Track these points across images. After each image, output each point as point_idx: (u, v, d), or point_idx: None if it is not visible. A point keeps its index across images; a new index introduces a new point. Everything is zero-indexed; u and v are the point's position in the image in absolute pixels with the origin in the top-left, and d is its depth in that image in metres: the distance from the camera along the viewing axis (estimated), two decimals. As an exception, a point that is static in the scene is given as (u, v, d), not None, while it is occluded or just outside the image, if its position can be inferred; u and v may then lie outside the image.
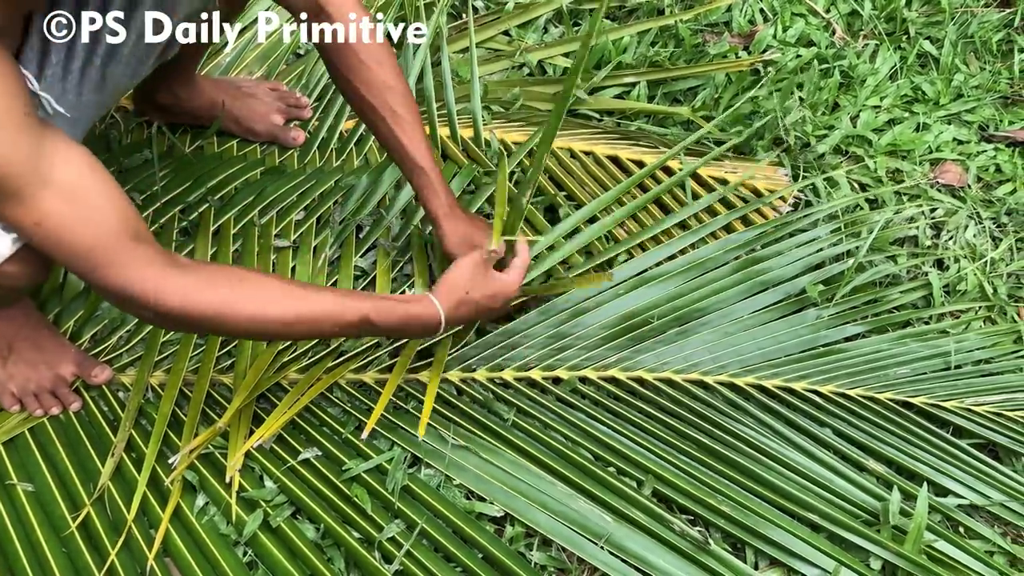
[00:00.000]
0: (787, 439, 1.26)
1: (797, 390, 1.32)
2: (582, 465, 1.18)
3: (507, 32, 1.80)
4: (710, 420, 1.26)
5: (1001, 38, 1.95)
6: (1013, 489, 1.25)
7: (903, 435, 1.29)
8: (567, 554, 1.13)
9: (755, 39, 1.84)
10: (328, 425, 1.21)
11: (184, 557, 1.08)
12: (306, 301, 1.00)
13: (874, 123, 1.75)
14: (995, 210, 1.64)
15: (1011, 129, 1.79)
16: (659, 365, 1.33)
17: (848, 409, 1.31)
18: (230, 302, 0.95)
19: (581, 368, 1.31)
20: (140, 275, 0.90)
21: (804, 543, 1.14)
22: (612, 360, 1.32)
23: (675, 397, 1.29)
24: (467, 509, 1.15)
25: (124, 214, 0.89)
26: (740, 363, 1.34)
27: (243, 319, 0.96)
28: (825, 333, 1.39)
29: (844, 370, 1.35)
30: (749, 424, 1.27)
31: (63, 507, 1.10)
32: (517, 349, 1.31)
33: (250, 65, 1.63)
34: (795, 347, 1.37)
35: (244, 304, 0.96)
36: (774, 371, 1.34)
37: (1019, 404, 1.35)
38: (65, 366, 1.20)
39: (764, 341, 1.37)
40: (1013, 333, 1.44)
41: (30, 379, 1.18)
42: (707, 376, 1.32)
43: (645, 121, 1.68)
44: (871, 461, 1.25)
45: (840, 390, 1.33)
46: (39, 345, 1.19)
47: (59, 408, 1.20)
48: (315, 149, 1.54)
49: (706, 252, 1.45)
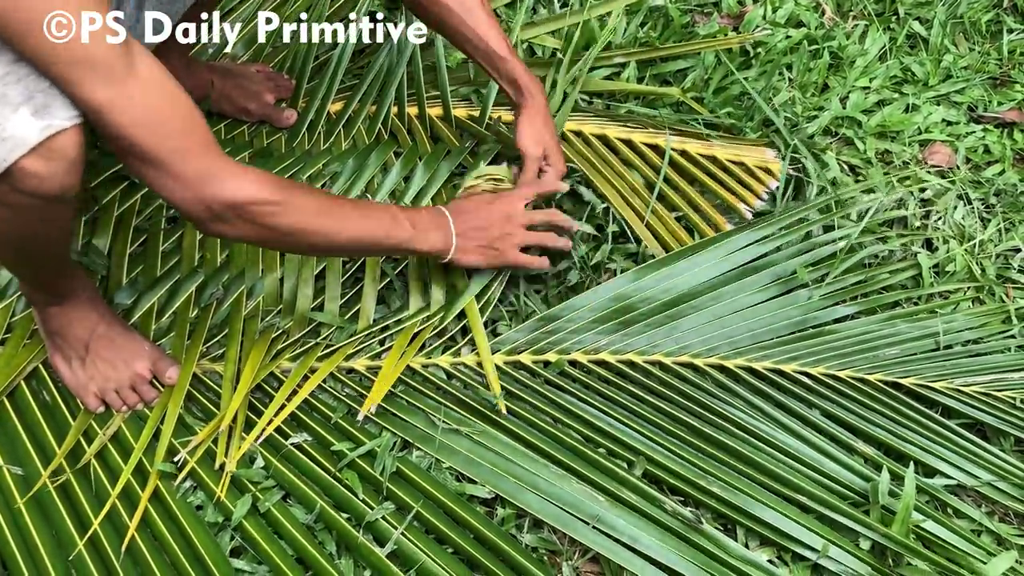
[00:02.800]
0: (777, 421, 1.27)
1: (787, 372, 1.33)
2: (572, 447, 1.19)
3: (495, 12, 1.79)
4: (700, 403, 1.26)
5: (990, 18, 1.95)
6: (1001, 468, 1.26)
7: (892, 416, 1.29)
8: (558, 536, 1.14)
9: (744, 19, 1.84)
10: (319, 411, 1.21)
11: (165, 538, 1.08)
12: (368, 220, 1.13)
13: (863, 104, 1.74)
14: (984, 191, 1.65)
15: (1000, 110, 1.79)
16: (649, 348, 1.33)
17: (838, 391, 1.31)
18: (321, 221, 1.05)
19: (571, 352, 1.31)
20: (220, 162, 0.96)
21: (794, 523, 1.14)
22: (602, 343, 1.32)
23: (665, 380, 1.29)
24: (458, 491, 1.15)
25: (201, 118, 0.95)
26: (730, 345, 1.34)
27: (285, 227, 1.03)
28: (815, 315, 1.39)
29: (834, 351, 1.36)
30: (739, 406, 1.27)
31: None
32: (506, 333, 1.31)
33: (236, 49, 1.62)
34: (785, 328, 1.37)
35: (327, 223, 1.06)
36: (764, 353, 1.34)
37: (1008, 384, 1.35)
38: (140, 362, 1.19)
39: (754, 323, 1.37)
40: (1002, 313, 1.45)
41: (109, 378, 1.17)
42: (697, 359, 1.33)
43: (635, 102, 1.68)
44: (860, 443, 1.26)
45: (830, 371, 1.34)
46: (114, 343, 1.18)
47: (140, 403, 1.19)
48: (304, 131, 1.53)
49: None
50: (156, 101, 0.89)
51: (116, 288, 1.29)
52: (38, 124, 0.84)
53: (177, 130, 0.91)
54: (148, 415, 1.18)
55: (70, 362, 1.18)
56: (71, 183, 0.89)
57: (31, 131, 0.84)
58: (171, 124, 0.91)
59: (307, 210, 1.04)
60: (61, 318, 1.15)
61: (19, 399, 1.19)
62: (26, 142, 0.83)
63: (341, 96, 1.58)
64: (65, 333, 1.17)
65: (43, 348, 1.20)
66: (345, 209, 1.11)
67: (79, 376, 1.18)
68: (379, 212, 1.16)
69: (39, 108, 0.84)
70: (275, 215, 1.01)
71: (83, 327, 1.16)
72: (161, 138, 0.90)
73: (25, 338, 1.22)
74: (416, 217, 1.19)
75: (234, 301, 1.30)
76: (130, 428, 1.17)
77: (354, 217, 1.11)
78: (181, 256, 1.34)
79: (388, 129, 1.55)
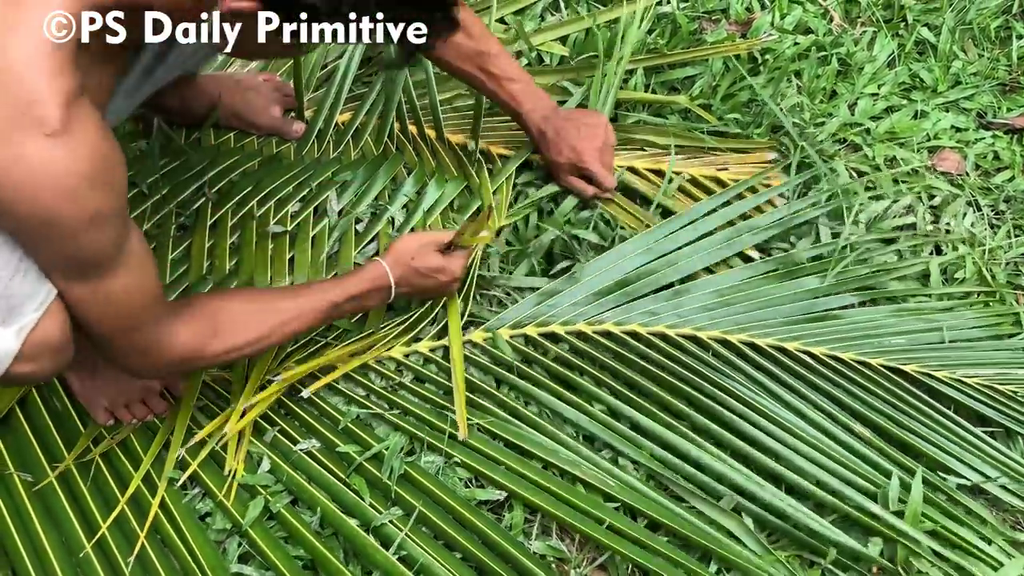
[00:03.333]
0: (778, 397, 1.28)
1: (789, 350, 1.33)
2: (579, 425, 1.23)
3: (502, 20, 1.79)
4: (702, 375, 1.28)
5: (999, 24, 1.95)
6: (1007, 466, 1.26)
7: (893, 402, 1.30)
8: (566, 543, 1.14)
9: (752, 26, 1.84)
10: (328, 414, 1.21)
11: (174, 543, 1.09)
12: (276, 315, 1.08)
13: (872, 110, 1.74)
14: (993, 197, 1.64)
15: (1009, 116, 1.79)
16: (653, 320, 1.35)
17: (840, 372, 1.32)
18: (217, 341, 1.02)
19: (575, 323, 1.33)
20: (160, 330, 0.96)
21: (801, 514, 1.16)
22: (606, 316, 1.34)
23: (668, 352, 1.31)
24: (467, 497, 1.15)
25: (158, 273, 0.94)
26: (733, 322, 1.36)
27: (227, 351, 1.04)
28: (821, 300, 1.41)
29: (838, 334, 1.37)
30: (741, 380, 1.29)
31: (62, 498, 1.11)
32: (511, 308, 1.34)
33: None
34: (790, 311, 1.39)
35: (227, 336, 1.03)
36: (767, 331, 1.35)
37: (1010, 379, 1.35)
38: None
39: (759, 303, 1.39)
40: (1011, 316, 1.44)
41: (120, 391, 1.17)
42: (700, 332, 1.34)
43: (643, 110, 1.68)
44: (859, 425, 1.27)
45: (833, 352, 1.34)
46: None
47: (150, 416, 1.20)
48: (313, 139, 1.54)
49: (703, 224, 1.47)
50: (124, 296, 0.88)
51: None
52: (10, 331, 0.83)
53: (136, 311, 0.91)
54: (159, 426, 1.18)
55: (81, 375, 1.18)
56: (64, 360, 0.90)
57: (7, 341, 0.83)
58: (132, 310, 0.91)
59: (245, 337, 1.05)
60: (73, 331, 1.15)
61: (30, 407, 1.19)
62: (8, 353, 0.83)
63: (350, 106, 1.58)
64: (77, 345, 1.16)
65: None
66: (283, 317, 1.09)
67: (89, 390, 1.18)
68: (315, 300, 1.12)
69: (4, 316, 0.82)
70: (217, 357, 1.03)
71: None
72: (117, 323, 0.91)
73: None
74: (355, 290, 1.16)
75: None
76: (139, 437, 1.17)
77: (292, 323, 1.10)
78: (190, 264, 1.34)
79: (395, 143, 1.56)
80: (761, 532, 1.16)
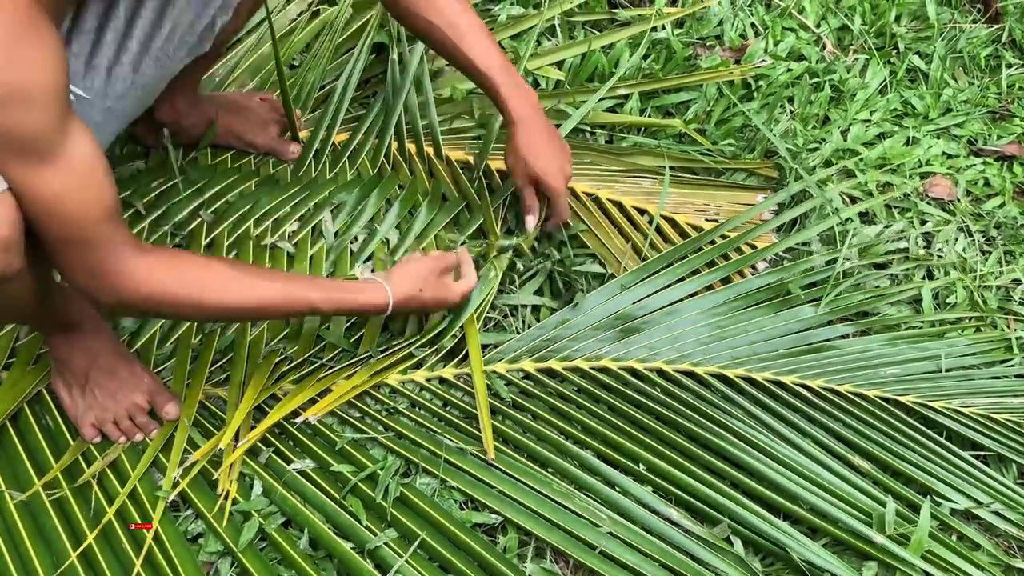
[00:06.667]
0: (776, 432, 1.28)
1: (787, 383, 1.34)
2: (576, 455, 1.22)
3: (500, 44, 1.80)
4: (700, 411, 1.28)
5: (989, 53, 1.97)
6: (1001, 494, 1.27)
7: (890, 434, 1.31)
8: (560, 565, 1.13)
9: (746, 53, 1.86)
10: (322, 435, 1.21)
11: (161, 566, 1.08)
12: (254, 290, 1.04)
13: (864, 137, 1.76)
14: (984, 223, 1.66)
15: (999, 143, 1.81)
16: (650, 356, 1.34)
17: (836, 404, 1.32)
18: (193, 290, 0.99)
19: (573, 359, 1.33)
20: (116, 255, 0.92)
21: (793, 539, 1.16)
22: (604, 351, 1.34)
23: (666, 388, 1.31)
24: (463, 519, 1.15)
25: (115, 195, 0.91)
26: (730, 355, 1.36)
27: (197, 306, 1.00)
28: (816, 331, 1.41)
29: (834, 366, 1.37)
30: (739, 415, 1.29)
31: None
32: (508, 343, 1.33)
33: (241, 77, 1.63)
34: (786, 343, 1.39)
35: (203, 292, 1.00)
36: (763, 364, 1.36)
37: (1006, 408, 1.37)
38: (139, 394, 1.19)
39: (754, 336, 1.39)
40: (1003, 342, 1.45)
41: (108, 408, 1.17)
42: (698, 367, 1.34)
43: (638, 134, 1.69)
44: (857, 457, 1.27)
45: (829, 385, 1.35)
46: (115, 374, 1.18)
47: (140, 435, 1.19)
48: (310, 159, 1.54)
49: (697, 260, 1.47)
50: (71, 199, 0.86)
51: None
52: None
53: (86, 223, 0.88)
54: (148, 444, 1.18)
55: (71, 389, 1.18)
56: (9, 263, 0.85)
57: None
58: (81, 220, 0.88)
59: (220, 300, 1.02)
60: (64, 347, 1.15)
61: (22, 423, 1.19)
62: None
63: (347, 127, 1.59)
64: (67, 360, 1.16)
65: (47, 374, 1.20)
66: (263, 298, 1.06)
67: (78, 404, 1.17)
68: (299, 302, 1.09)
69: None
70: (182, 308, 1.01)
71: (85, 357, 1.16)
72: (66, 233, 0.88)
73: (30, 363, 1.22)
74: (346, 307, 1.15)
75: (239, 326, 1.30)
76: (128, 456, 1.17)
77: (271, 309, 1.08)
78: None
79: (391, 163, 1.56)
80: (755, 557, 1.16)
